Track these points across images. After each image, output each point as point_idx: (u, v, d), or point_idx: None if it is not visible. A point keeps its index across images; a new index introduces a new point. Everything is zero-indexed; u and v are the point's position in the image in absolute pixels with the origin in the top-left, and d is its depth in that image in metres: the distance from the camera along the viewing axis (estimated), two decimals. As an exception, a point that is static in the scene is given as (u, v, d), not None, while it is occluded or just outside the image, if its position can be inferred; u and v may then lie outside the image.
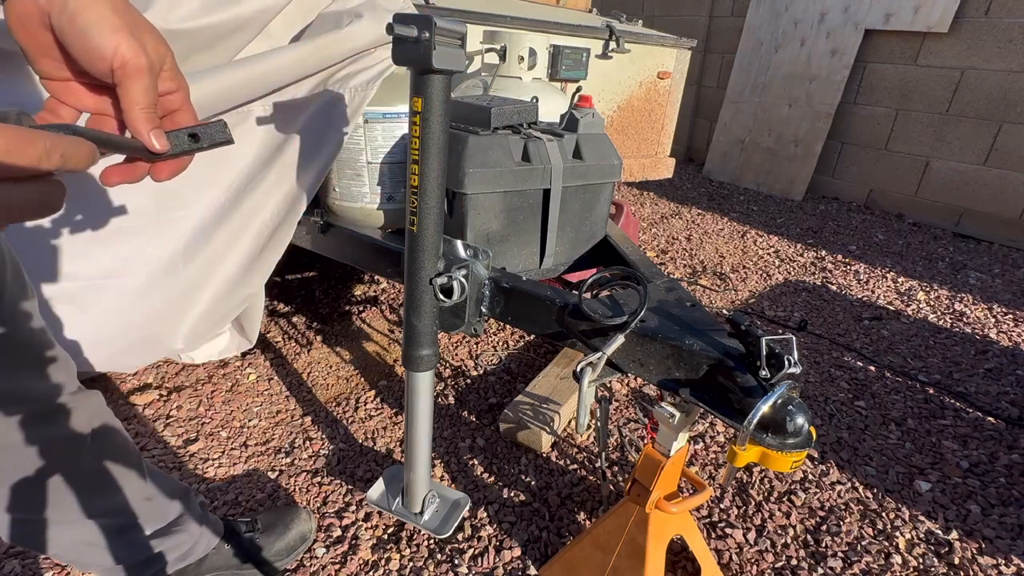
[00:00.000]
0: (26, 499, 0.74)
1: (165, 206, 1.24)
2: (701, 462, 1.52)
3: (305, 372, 1.83)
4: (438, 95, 0.84)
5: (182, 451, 1.47)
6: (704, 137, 5.37)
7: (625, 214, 2.17)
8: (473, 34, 1.75)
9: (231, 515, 1.29)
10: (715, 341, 0.86)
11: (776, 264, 3.05)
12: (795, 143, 4.39)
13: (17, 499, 0.73)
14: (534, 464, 1.48)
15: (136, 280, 1.22)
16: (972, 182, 3.70)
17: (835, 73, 4.10)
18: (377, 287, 2.45)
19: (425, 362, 1.03)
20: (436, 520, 1.18)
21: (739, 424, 0.73)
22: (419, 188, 0.89)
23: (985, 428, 1.74)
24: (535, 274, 1.40)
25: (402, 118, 1.35)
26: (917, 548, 1.30)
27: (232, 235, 1.32)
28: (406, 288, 0.99)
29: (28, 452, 0.71)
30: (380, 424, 1.60)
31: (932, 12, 3.60)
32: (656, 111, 2.67)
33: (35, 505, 0.75)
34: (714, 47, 5.10)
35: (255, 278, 1.39)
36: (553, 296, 1.01)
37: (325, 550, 1.21)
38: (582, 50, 2.07)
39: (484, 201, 1.22)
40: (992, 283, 2.95)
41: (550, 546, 1.24)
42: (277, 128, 1.28)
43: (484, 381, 1.83)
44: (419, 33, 0.76)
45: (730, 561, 1.24)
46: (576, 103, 1.43)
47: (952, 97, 3.69)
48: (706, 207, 4.09)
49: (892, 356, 2.13)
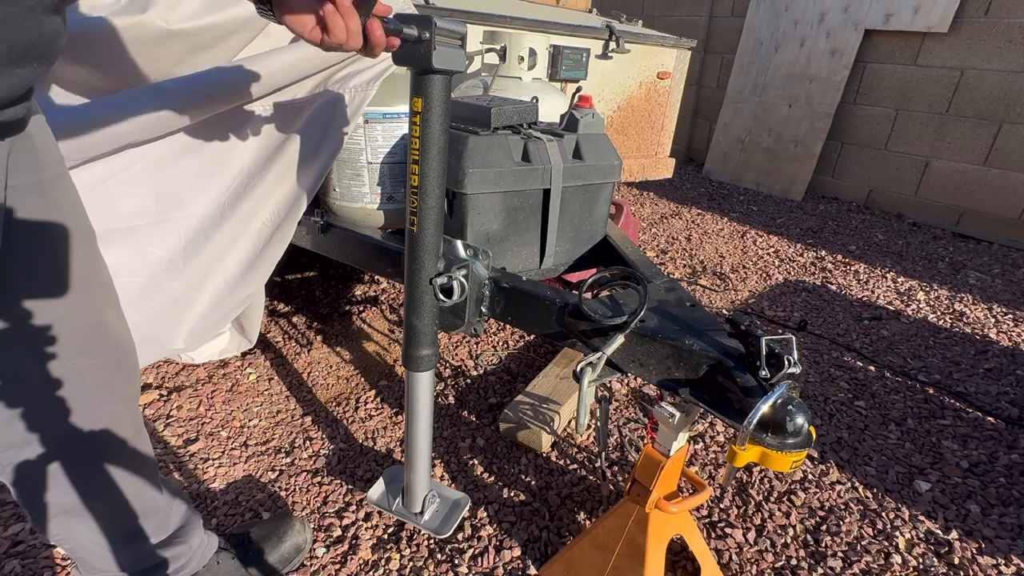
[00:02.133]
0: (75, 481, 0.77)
1: (165, 206, 1.24)
2: (701, 462, 1.52)
3: (305, 372, 1.83)
4: (438, 95, 0.84)
5: (182, 451, 1.47)
6: (704, 137, 5.37)
7: (625, 214, 2.17)
8: (473, 34, 1.75)
9: (231, 515, 1.29)
10: (715, 341, 0.86)
11: (776, 264, 3.05)
12: (795, 143, 4.39)
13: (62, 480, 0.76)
14: (534, 464, 1.48)
15: (136, 280, 1.22)
16: (972, 182, 3.70)
17: (835, 73, 4.10)
18: (377, 287, 2.45)
19: (425, 362, 1.03)
20: (436, 520, 1.18)
21: (739, 424, 0.73)
22: (419, 188, 0.90)
23: (985, 428, 1.74)
24: (535, 274, 1.40)
25: (402, 118, 1.35)
26: (917, 548, 1.30)
27: (232, 235, 1.32)
28: (406, 288, 0.99)
29: (90, 436, 0.76)
30: (380, 424, 1.60)
31: (932, 12, 3.60)
32: (656, 111, 2.67)
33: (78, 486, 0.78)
34: (714, 47, 5.10)
35: (255, 278, 1.39)
36: (553, 296, 1.01)
37: (325, 550, 1.21)
38: (582, 50, 2.07)
39: (484, 201, 1.22)
40: (992, 283, 2.95)
41: (550, 546, 1.24)
42: (277, 128, 1.29)
43: (484, 381, 1.83)
44: (419, 33, 0.77)
45: (730, 561, 1.24)
46: (576, 103, 1.43)
47: (952, 97, 3.69)
48: (706, 207, 4.09)
49: (892, 356, 2.13)
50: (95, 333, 0.74)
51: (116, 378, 0.79)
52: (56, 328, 0.68)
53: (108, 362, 0.77)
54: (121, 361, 0.79)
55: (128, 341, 0.81)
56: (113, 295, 0.78)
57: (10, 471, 0.73)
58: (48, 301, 0.66)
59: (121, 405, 0.80)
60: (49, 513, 0.78)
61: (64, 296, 0.68)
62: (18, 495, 0.76)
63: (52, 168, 0.66)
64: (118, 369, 0.79)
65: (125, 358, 0.80)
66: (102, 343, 0.75)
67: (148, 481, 0.88)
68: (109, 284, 0.77)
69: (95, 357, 0.74)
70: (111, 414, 0.79)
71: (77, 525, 0.81)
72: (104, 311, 0.75)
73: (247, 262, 1.36)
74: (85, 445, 0.76)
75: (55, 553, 1.17)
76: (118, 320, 0.79)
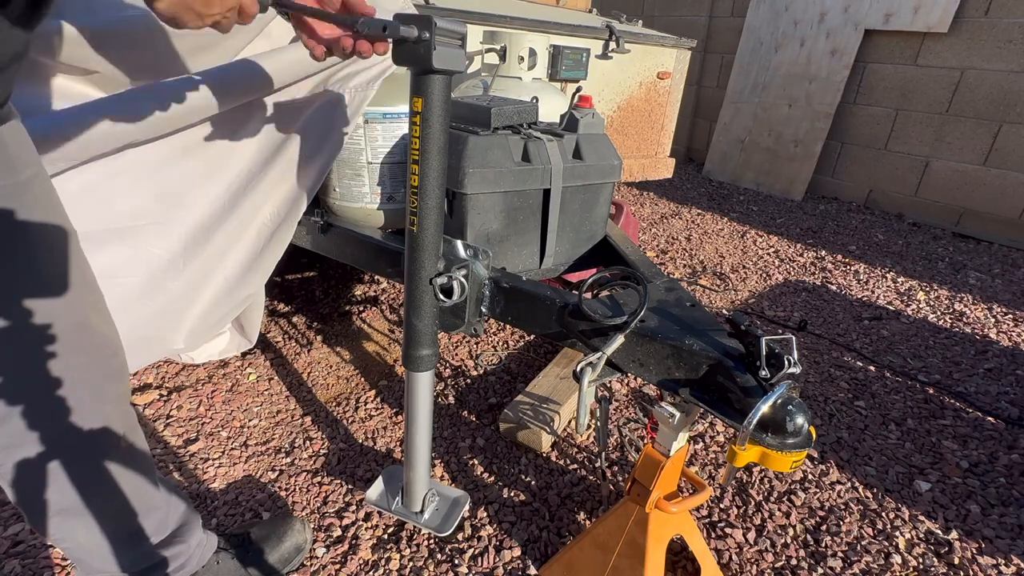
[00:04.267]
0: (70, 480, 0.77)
1: (165, 206, 1.24)
2: (701, 462, 1.52)
3: (305, 372, 1.83)
4: (438, 95, 0.84)
5: (182, 451, 1.47)
6: (704, 137, 5.37)
7: (625, 214, 2.17)
8: (473, 34, 1.75)
9: (231, 515, 1.29)
10: (715, 341, 0.86)
11: (776, 264, 3.05)
12: (795, 143, 4.39)
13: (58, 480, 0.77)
14: (534, 464, 1.48)
15: (136, 280, 1.22)
16: (972, 182, 3.70)
17: (835, 73, 4.10)
18: (377, 287, 2.45)
19: (425, 362, 1.03)
20: (437, 518, 1.18)
21: (739, 424, 0.73)
22: (419, 188, 0.90)
23: (985, 428, 1.74)
24: (535, 274, 1.40)
25: (402, 118, 1.35)
26: (917, 548, 1.30)
27: (232, 235, 1.32)
28: (406, 288, 0.99)
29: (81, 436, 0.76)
30: (380, 424, 1.60)
31: (932, 12, 3.60)
32: (656, 111, 2.67)
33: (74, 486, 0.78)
34: (714, 47, 5.10)
35: (255, 278, 1.39)
36: (553, 296, 1.01)
37: (325, 550, 1.21)
38: (582, 50, 2.07)
39: (484, 201, 1.22)
40: (992, 283, 2.95)
41: (550, 546, 1.24)
42: (277, 128, 1.29)
43: (484, 381, 1.83)
44: (419, 33, 0.77)
45: (730, 561, 1.24)
46: (576, 103, 1.43)
47: (952, 97, 3.69)
48: (706, 207, 4.09)
49: (892, 356, 2.13)
50: (80, 333, 0.74)
51: (103, 378, 0.79)
52: (41, 329, 0.68)
53: (94, 361, 0.77)
54: (108, 360, 0.80)
55: (114, 341, 0.81)
56: (98, 295, 0.78)
57: (5, 472, 0.73)
58: (32, 301, 0.67)
59: (110, 405, 0.80)
60: (47, 513, 0.78)
61: (47, 297, 0.68)
62: (14, 496, 0.76)
63: (26, 170, 0.66)
64: (105, 368, 0.79)
65: (112, 357, 0.80)
66: (87, 343, 0.75)
67: (146, 479, 0.88)
68: (93, 284, 0.78)
69: (81, 357, 0.74)
70: (102, 413, 0.79)
71: (75, 525, 0.81)
72: (87, 311, 0.76)
73: (247, 262, 1.36)
74: (78, 444, 0.77)
75: (55, 553, 1.17)
76: (103, 320, 0.79)
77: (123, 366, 0.83)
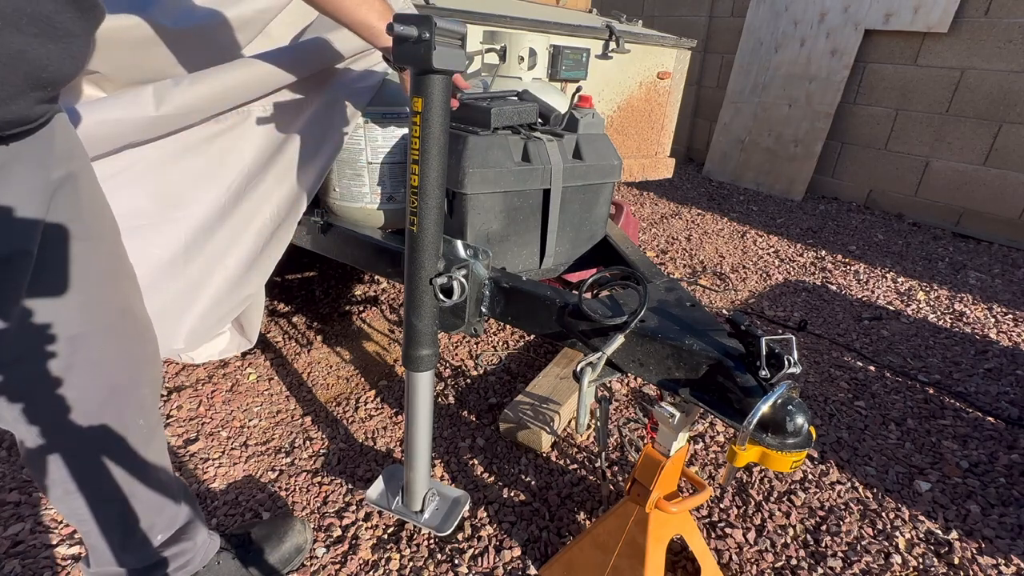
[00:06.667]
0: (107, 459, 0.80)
1: (165, 206, 1.24)
2: (701, 462, 1.52)
3: (305, 372, 1.83)
4: (438, 95, 0.84)
5: (182, 451, 1.47)
6: (704, 137, 5.37)
7: (625, 214, 2.17)
8: (473, 34, 1.75)
9: (231, 515, 1.29)
10: (715, 341, 0.86)
11: (776, 264, 3.05)
12: (795, 143, 4.39)
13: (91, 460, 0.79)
14: (534, 464, 1.48)
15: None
16: (972, 182, 3.70)
17: (835, 73, 4.10)
18: (377, 287, 2.45)
19: (425, 362, 1.03)
20: (437, 518, 1.18)
21: (739, 424, 0.73)
22: (419, 188, 0.90)
23: (985, 428, 1.74)
24: (535, 274, 1.40)
25: (402, 118, 1.35)
26: (917, 548, 1.30)
27: (232, 235, 1.32)
28: (406, 288, 0.99)
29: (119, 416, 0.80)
30: (380, 424, 1.60)
31: (932, 12, 3.60)
32: (656, 111, 2.67)
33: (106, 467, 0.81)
34: (714, 47, 5.10)
35: (255, 278, 1.39)
36: (553, 296, 1.01)
37: (325, 550, 1.21)
38: (582, 50, 2.07)
39: (484, 201, 1.22)
40: (992, 283, 2.95)
41: (550, 546, 1.24)
42: (277, 128, 1.29)
43: (484, 381, 1.83)
44: (419, 33, 0.77)
45: (730, 561, 1.24)
46: (576, 103, 1.43)
47: (952, 97, 3.69)
48: (706, 207, 4.09)
49: (892, 356, 2.13)
50: (123, 318, 0.78)
51: (141, 362, 0.82)
52: (91, 311, 0.71)
53: (135, 345, 0.81)
54: (145, 345, 0.83)
55: (150, 327, 0.85)
56: (135, 282, 0.82)
57: (37, 451, 0.75)
58: (84, 285, 0.70)
59: (147, 389, 0.84)
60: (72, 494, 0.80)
61: (98, 282, 0.72)
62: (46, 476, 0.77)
63: (77, 161, 0.70)
64: (141, 353, 0.83)
65: (149, 343, 0.84)
66: (129, 328, 0.79)
67: (166, 471, 0.90)
68: (132, 271, 0.81)
69: (123, 340, 0.78)
70: (137, 397, 0.82)
71: (101, 507, 0.83)
72: (130, 297, 0.80)
73: (247, 262, 1.36)
74: (114, 425, 0.79)
75: (55, 553, 1.17)
76: (141, 307, 0.83)
77: (156, 351, 0.86)
